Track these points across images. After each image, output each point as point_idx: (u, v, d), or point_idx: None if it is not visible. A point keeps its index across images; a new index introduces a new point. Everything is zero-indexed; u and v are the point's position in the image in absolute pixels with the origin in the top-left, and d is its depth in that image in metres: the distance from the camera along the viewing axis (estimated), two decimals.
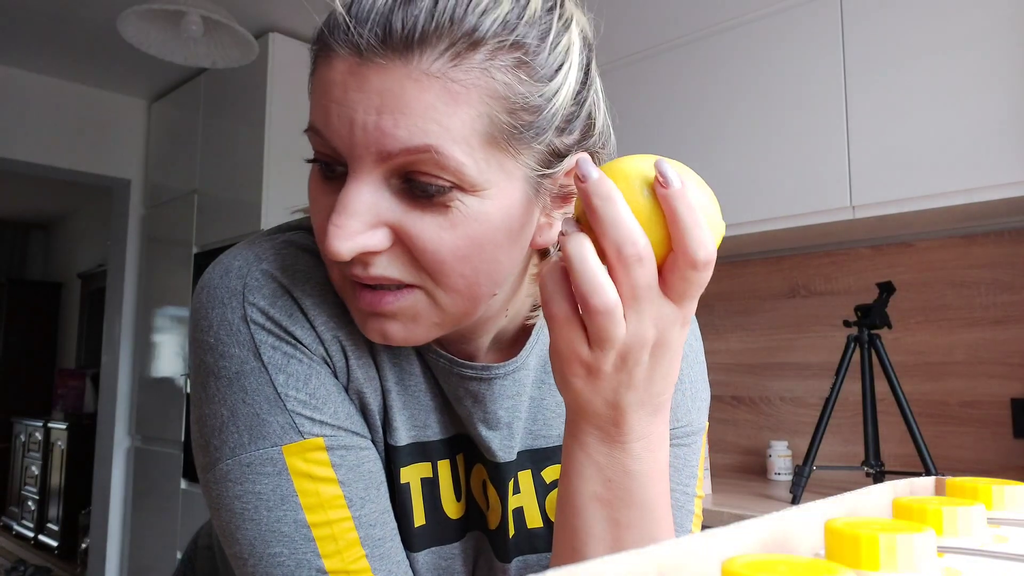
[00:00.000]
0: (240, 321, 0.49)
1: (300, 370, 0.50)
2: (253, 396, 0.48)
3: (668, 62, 1.90)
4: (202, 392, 0.50)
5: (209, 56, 2.33)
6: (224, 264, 0.51)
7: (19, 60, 3.30)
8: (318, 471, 0.49)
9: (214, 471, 0.49)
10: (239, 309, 0.49)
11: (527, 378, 0.58)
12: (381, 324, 0.48)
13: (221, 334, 0.49)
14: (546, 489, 0.60)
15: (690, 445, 0.63)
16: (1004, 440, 1.61)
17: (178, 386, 3.18)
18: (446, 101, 0.42)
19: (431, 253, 0.45)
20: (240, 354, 0.49)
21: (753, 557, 0.25)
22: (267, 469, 0.48)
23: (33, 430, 5.48)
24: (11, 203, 6.00)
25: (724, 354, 2.10)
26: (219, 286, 0.50)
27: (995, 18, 1.42)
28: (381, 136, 0.42)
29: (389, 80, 0.42)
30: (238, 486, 0.48)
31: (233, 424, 0.48)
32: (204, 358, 0.50)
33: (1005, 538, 0.34)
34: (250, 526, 0.48)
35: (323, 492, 0.49)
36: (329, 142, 0.44)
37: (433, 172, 0.43)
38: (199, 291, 0.51)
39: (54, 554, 4.98)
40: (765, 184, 1.71)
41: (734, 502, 1.52)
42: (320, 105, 0.44)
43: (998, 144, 1.39)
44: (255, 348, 0.49)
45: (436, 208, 0.44)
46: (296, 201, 2.72)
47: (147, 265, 3.58)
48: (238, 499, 0.48)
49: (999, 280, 1.65)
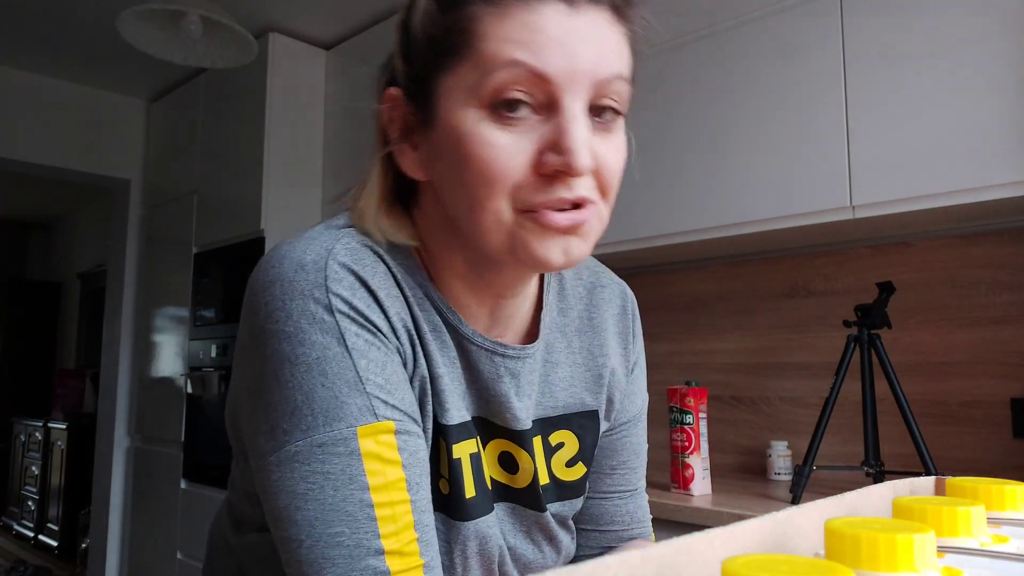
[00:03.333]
0: (324, 311, 0.52)
1: (379, 356, 0.53)
2: (333, 380, 0.51)
3: (668, 62, 1.90)
4: (272, 380, 0.52)
5: (209, 56, 2.33)
6: (295, 259, 0.54)
7: (19, 60, 3.30)
8: (387, 453, 0.52)
9: (279, 454, 0.51)
10: (323, 299, 0.52)
11: (539, 356, 0.65)
12: (567, 243, 0.53)
13: (302, 323, 0.51)
14: (552, 451, 0.67)
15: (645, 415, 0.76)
16: (1004, 440, 1.61)
17: (178, 386, 3.18)
18: (623, 42, 0.54)
19: (609, 170, 0.54)
20: (323, 341, 0.51)
21: (753, 557, 0.25)
22: (339, 449, 0.50)
23: (33, 430, 5.48)
24: (11, 203, 6.00)
25: (724, 354, 2.10)
26: (296, 279, 0.52)
27: (995, 18, 1.41)
28: (599, 64, 0.51)
29: (596, 23, 0.52)
30: (306, 467, 0.50)
31: (308, 407, 0.51)
32: (279, 346, 0.52)
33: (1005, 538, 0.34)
34: (313, 506, 0.50)
35: (389, 474, 0.51)
36: (542, 70, 0.50)
37: (619, 98, 0.54)
38: (269, 284, 0.53)
39: (54, 554, 4.97)
40: (765, 184, 1.71)
41: (734, 502, 1.52)
42: (527, 42, 0.50)
43: (998, 144, 1.39)
44: (340, 335, 0.52)
45: (613, 134, 0.54)
46: (296, 200, 2.71)
47: (147, 265, 3.58)
48: (304, 480, 0.50)
49: (999, 280, 1.65)
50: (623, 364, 0.72)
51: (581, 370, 0.68)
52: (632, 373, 0.73)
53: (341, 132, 2.96)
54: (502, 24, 0.50)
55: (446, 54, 0.53)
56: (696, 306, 2.17)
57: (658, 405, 2.24)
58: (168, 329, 3.32)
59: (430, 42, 0.54)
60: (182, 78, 3.46)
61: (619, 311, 0.72)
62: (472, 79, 0.51)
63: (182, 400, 3.12)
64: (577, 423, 0.68)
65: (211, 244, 3.10)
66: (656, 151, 1.89)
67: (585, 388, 0.68)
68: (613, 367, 0.70)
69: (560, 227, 0.52)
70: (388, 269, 0.57)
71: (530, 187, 0.51)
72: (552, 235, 0.52)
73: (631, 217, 1.92)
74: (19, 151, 3.35)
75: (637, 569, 0.23)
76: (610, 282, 0.73)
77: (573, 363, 0.68)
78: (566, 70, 0.50)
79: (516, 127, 0.51)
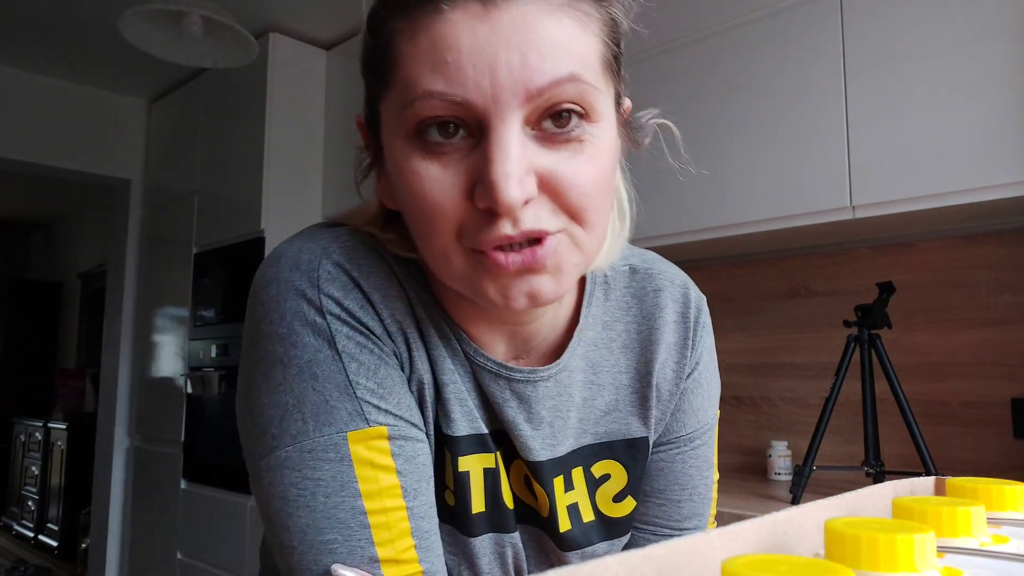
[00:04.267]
0: (316, 312, 0.49)
1: (371, 360, 0.50)
2: (324, 384, 0.49)
3: (668, 63, 1.90)
4: (263, 382, 0.50)
5: (209, 56, 2.33)
6: (291, 258, 0.51)
7: (19, 60, 3.30)
8: (379, 459, 0.49)
9: (269, 459, 0.49)
10: (316, 300, 0.50)
11: (571, 379, 0.59)
12: (530, 284, 0.46)
13: (295, 324, 0.49)
14: (596, 484, 0.61)
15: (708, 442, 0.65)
16: (1004, 440, 1.61)
17: (178, 386, 3.18)
18: (578, 29, 0.44)
19: (577, 189, 0.45)
20: (314, 343, 0.49)
21: (753, 557, 0.25)
22: (329, 455, 0.48)
23: (33, 430, 5.48)
24: (11, 203, 6.00)
25: (724, 354, 2.10)
26: (291, 279, 0.50)
27: (995, 18, 1.41)
28: (529, 73, 0.42)
29: (522, 16, 0.42)
30: (296, 472, 0.48)
31: (298, 411, 0.49)
32: (272, 348, 0.50)
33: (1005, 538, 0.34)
34: (304, 513, 0.48)
35: (382, 480, 0.49)
36: (460, 96, 0.43)
37: (574, 101, 0.44)
38: (265, 284, 0.51)
39: (54, 554, 4.97)
40: (765, 184, 1.71)
41: (734, 502, 1.52)
42: (439, 63, 0.43)
43: (998, 144, 1.39)
44: (331, 337, 0.49)
45: (572, 144, 0.45)
46: (296, 200, 2.70)
47: (147, 265, 3.58)
48: (294, 486, 0.48)
49: (1000, 280, 1.65)
50: (674, 374, 0.62)
51: (627, 392, 0.61)
52: (685, 384, 0.63)
53: (341, 132, 2.96)
54: (415, 43, 0.44)
55: (378, 78, 0.48)
56: None
57: None
58: (168, 329, 3.32)
59: (366, 66, 0.50)
60: (183, 78, 3.46)
61: (678, 317, 0.62)
62: (397, 108, 0.46)
63: (182, 400, 3.12)
64: (625, 452, 0.61)
65: (211, 244, 3.10)
66: (656, 151, 1.89)
67: (633, 413, 0.61)
68: (658, 381, 0.61)
69: (510, 270, 0.45)
70: (390, 268, 0.53)
71: (473, 225, 0.45)
72: (508, 277, 0.46)
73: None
74: (19, 151, 3.35)
75: (637, 569, 0.23)
76: (668, 284, 0.64)
77: (618, 384, 0.61)
78: (487, 89, 0.42)
79: (446, 157, 0.45)
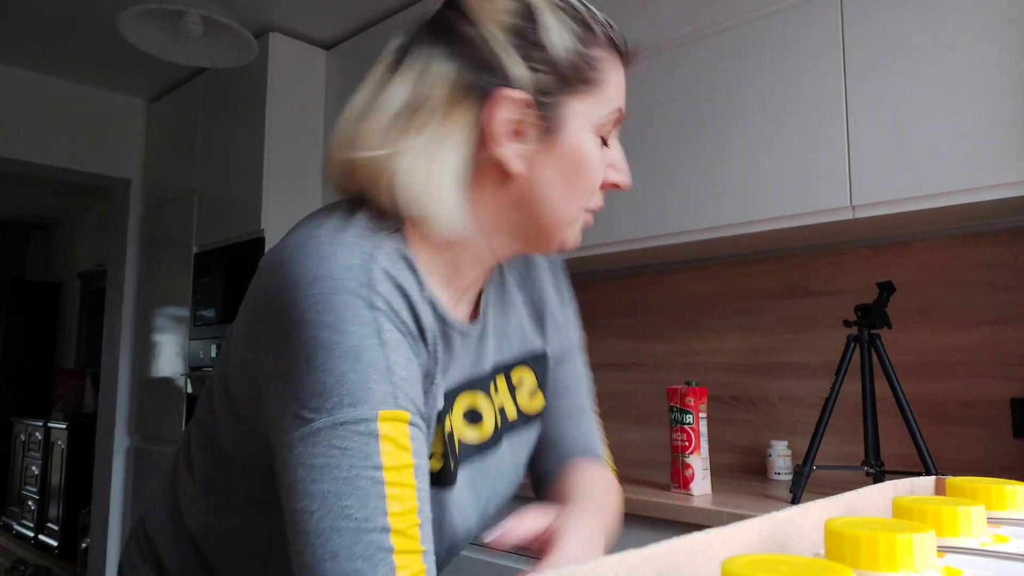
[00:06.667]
0: (366, 307, 0.57)
1: (407, 354, 0.59)
2: (365, 366, 0.56)
3: (668, 62, 1.90)
4: (305, 365, 0.56)
5: (209, 56, 2.33)
6: (340, 260, 0.58)
7: (19, 60, 3.30)
8: (401, 439, 0.56)
9: (303, 430, 0.55)
10: (367, 298, 0.57)
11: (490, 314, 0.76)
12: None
13: (346, 316, 0.56)
14: (514, 388, 0.78)
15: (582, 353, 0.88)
16: (1004, 440, 1.61)
17: (178, 386, 3.18)
18: None
19: None
20: (360, 331, 0.56)
21: (753, 557, 0.25)
22: (360, 428, 0.55)
23: (33, 430, 5.48)
24: (11, 203, 6.00)
25: (724, 354, 2.10)
26: (344, 277, 0.57)
27: (995, 18, 1.41)
28: None
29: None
30: (325, 443, 0.54)
31: (336, 390, 0.55)
32: (318, 334, 0.56)
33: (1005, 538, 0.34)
34: (327, 479, 0.54)
35: (402, 458, 0.56)
36: (622, 119, 0.69)
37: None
38: (312, 280, 0.57)
39: (54, 554, 4.98)
40: (765, 184, 1.71)
41: (734, 502, 1.52)
42: (622, 97, 0.69)
43: (998, 144, 1.39)
44: (378, 330, 0.57)
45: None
46: (296, 200, 2.71)
47: (147, 265, 3.58)
48: (322, 455, 0.54)
49: (999, 280, 1.65)
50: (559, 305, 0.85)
51: (527, 319, 0.81)
52: (564, 311, 0.85)
53: None
54: (616, 73, 0.68)
55: (581, 82, 0.64)
56: (696, 306, 2.17)
57: (658, 405, 2.24)
58: (168, 329, 3.32)
59: (568, 65, 0.64)
60: (182, 78, 3.46)
61: (548, 263, 0.86)
62: (596, 110, 0.66)
63: (182, 400, 3.12)
64: (531, 361, 0.81)
65: (211, 244, 3.10)
66: (655, 151, 1.89)
67: (533, 333, 0.81)
68: (552, 310, 0.83)
69: (588, 221, 0.71)
70: (416, 277, 0.62)
71: (596, 195, 0.69)
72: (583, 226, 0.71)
73: (632, 218, 1.92)
74: (19, 151, 3.35)
75: (637, 569, 0.23)
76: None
77: (519, 314, 0.80)
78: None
79: (602, 150, 0.68)
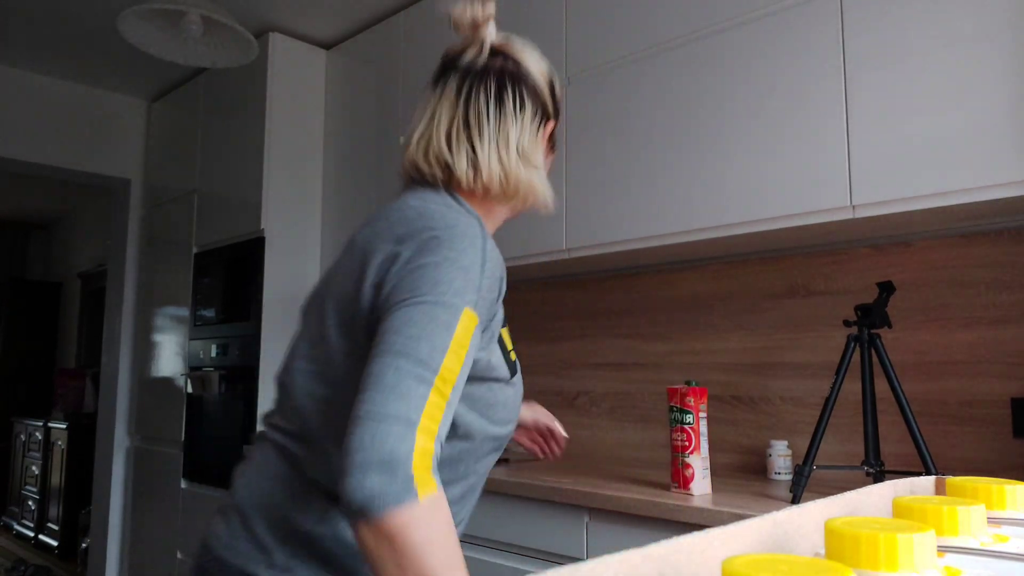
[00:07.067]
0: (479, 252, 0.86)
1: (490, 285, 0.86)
2: (468, 279, 0.83)
3: (668, 62, 1.90)
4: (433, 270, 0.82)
5: (209, 56, 2.33)
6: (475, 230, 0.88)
7: (19, 60, 3.30)
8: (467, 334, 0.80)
9: (423, 298, 0.79)
10: (482, 250, 0.86)
11: None
12: None
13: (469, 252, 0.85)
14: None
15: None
16: (1004, 440, 1.61)
17: (178, 386, 3.18)
18: None
19: None
20: (473, 262, 0.85)
21: (753, 557, 0.25)
22: (451, 308, 0.79)
23: (33, 430, 5.48)
24: (11, 203, 6.00)
25: (724, 354, 2.10)
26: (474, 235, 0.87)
27: (995, 17, 1.41)
28: None
29: None
30: (426, 305, 0.79)
31: (447, 284, 0.81)
32: (450, 254, 0.84)
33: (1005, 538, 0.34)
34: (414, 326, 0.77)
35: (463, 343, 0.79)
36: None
37: None
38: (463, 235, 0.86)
39: (54, 554, 4.98)
40: (765, 184, 1.71)
41: (734, 502, 1.52)
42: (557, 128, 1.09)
43: (998, 144, 1.39)
44: (482, 265, 0.85)
45: None
46: (296, 200, 2.72)
47: (147, 265, 3.58)
48: (420, 311, 0.78)
49: (999, 280, 1.65)
50: None
51: None
52: None
53: (341, 132, 2.96)
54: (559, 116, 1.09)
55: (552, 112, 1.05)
56: (696, 306, 2.17)
57: (658, 405, 2.24)
58: (168, 329, 3.32)
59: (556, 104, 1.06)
60: (182, 78, 3.46)
61: None
62: (549, 132, 1.06)
63: (182, 400, 3.12)
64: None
65: (211, 244, 3.10)
66: (654, 151, 1.89)
67: None
68: None
69: None
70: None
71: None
72: None
73: (631, 217, 1.92)
74: (19, 151, 3.35)
75: (637, 568, 0.23)
76: None
77: None
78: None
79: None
